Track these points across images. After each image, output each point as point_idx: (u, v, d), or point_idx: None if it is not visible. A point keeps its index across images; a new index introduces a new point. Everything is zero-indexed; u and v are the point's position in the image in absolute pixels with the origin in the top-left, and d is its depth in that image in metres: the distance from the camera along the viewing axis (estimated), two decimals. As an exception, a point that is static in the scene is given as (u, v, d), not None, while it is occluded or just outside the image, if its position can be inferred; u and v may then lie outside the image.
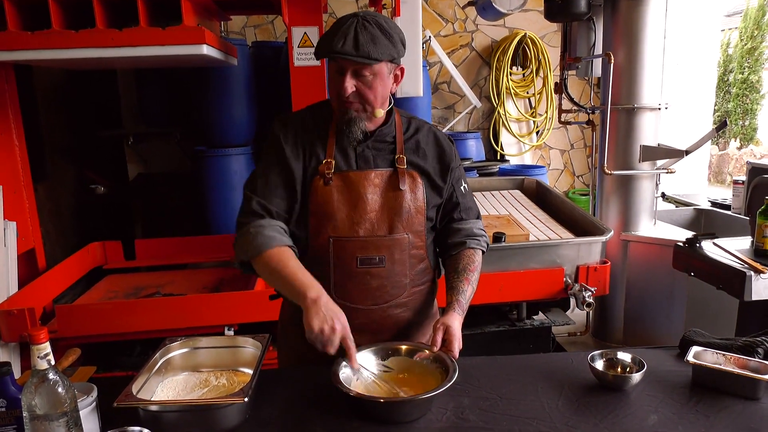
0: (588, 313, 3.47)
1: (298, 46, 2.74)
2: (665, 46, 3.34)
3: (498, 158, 5.46)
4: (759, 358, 1.43)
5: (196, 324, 2.60)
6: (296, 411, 1.33)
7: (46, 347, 1.06)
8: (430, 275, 1.64)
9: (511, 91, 5.39)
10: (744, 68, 10.02)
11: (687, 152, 3.22)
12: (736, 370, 1.37)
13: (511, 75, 5.38)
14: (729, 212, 3.56)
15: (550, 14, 3.56)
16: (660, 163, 3.42)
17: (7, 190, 2.77)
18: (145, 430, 1.14)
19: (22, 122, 2.89)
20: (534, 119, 5.54)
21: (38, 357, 1.05)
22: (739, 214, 3.43)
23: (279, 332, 1.72)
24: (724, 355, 1.43)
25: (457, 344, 1.41)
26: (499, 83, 5.37)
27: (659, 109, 3.37)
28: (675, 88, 5.07)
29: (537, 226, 3.17)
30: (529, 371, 1.50)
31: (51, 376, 1.06)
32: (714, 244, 2.54)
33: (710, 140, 3.51)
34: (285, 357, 1.71)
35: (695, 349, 1.46)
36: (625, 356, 1.47)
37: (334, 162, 1.51)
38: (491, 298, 2.73)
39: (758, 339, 1.49)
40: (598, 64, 3.71)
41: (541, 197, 3.87)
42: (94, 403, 1.23)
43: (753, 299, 2.24)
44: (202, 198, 3.91)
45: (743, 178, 3.45)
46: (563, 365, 1.53)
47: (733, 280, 2.29)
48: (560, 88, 4.00)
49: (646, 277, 3.40)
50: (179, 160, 4.69)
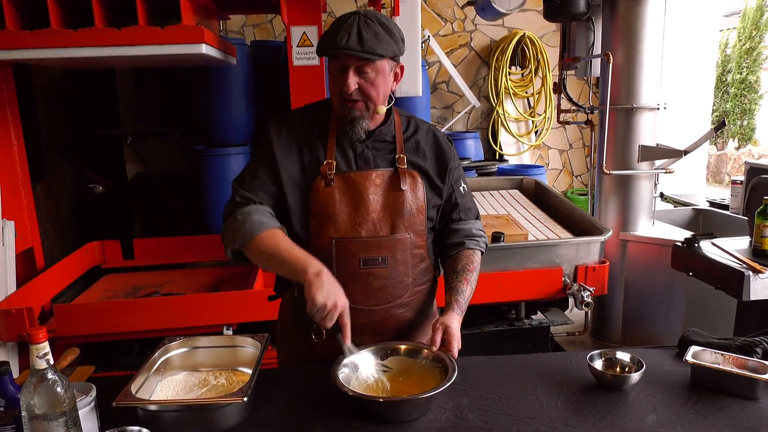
0: (586, 313, 3.47)
1: (297, 46, 2.74)
2: (664, 46, 3.35)
3: (497, 158, 5.46)
4: (757, 357, 1.44)
5: (195, 324, 2.60)
6: (296, 411, 1.33)
7: (45, 347, 1.06)
8: (431, 274, 1.64)
9: (510, 90, 5.39)
10: (742, 68, 10.04)
11: (685, 152, 3.22)
12: (735, 370, 1.37)
13: (509, 75, 5.38)
14: (727, 212, 3.57)
15: (549, 14, 3.56)
16: (658, 163, 3.43)
17: (6, 189, 2.77)
18: (144, 430, 1.14)
19: (21, 121, 2.88)
20: (533, 119, 5.55)
21: (37, 356, 1.05)
22: (737, 214, 3.43)
23: (278, 332, 1.72)
24: (722, 354, 1.43)
25: (456, 344, 1.41)
26: (497, 83, 5.37)
27: (658, 109, 3.37)
28: (673, 88, 5.08)
29: (536, 226, 3.17)
30: (528, 371, 1.50)
31: (50, 375, 1.06)
32: (712, 244, 2.55)
33: (708, 140, 3.51)
34: (284, 356, 1.70)
35: (694, 348, 1.46)
36: (623, 356, 1.47)
37: (335, 163, 1.50)
38: (490, 298, 2.73)
39: (757, 339, 1.50)
40: (596, 64, 3.71)
41: (540, 197, 3.87)
42: (93, 403, 1.23)
43: (751, 299, 2.24)
44: (200, 197, 3.91)
45: (741, 178, 3.45)
46: (562, 365, 1.53)
47: (731, 280, 2.30)
48: (559, 87, 4.00)
49: (645, 276, 3.40)
50: (178, 160, 4.70)
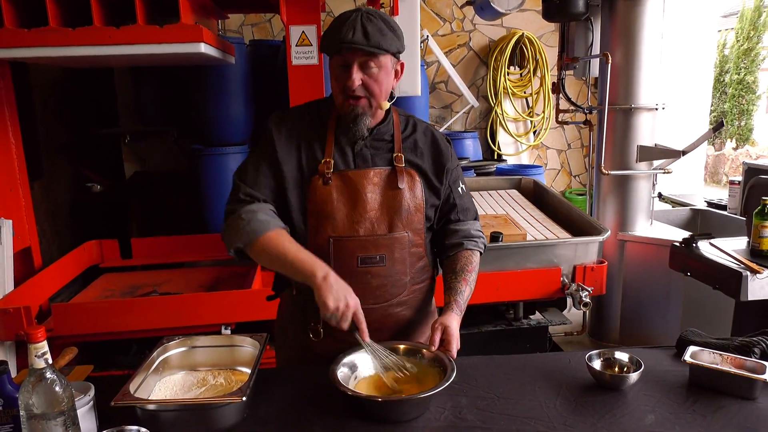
0: (585, 313, 3.47)
1: (296, 45, 2.74)
2: (662, 46, 3.35)
3: (495, 158, 5.46)
4: (755, 357, 1.44)
5: (193, 323, 2.60)
6: (294, 410, 1.33)
7: (44, 346, 1.05)
8: (429, 273, 1.64)
9: (509, 90, 5.40)
10: (740, 69, 10.06)
11: (684, 152, 3.23)
12: (733, 370, 1.37)
13: (508, 75, 5.38)
14: (725, 212, 3.57)
15: (548, 14, 3.56)
16: (657, 163, 3.43)
17: (3, 187, 2.76)
18: (143, 430, 1.14)
19: (19, 120, 2.88)
20: (531, 119, 5.55)
21: (35, 356, 1.05)
22: (735, 214, 3.44)
23: (277, 331, 1.72)
24: (720, 354, 1.43)
25: (455, 344, 1.41)
26: (496, 83, 5.37)
27: (656, 109, 3.38)
28: (672, 88, 5.08)
29: (534, 226, 3.17)
30: (526, 371, 1.50)
31: (48, 375, 1.06)
32: (710, 244, 2.55)
33: (707, 141, 3.52)
34: (283, 356, 1.70)
35: (692, 348, 1.46)
36: (622, 356, 1.47)
37: (332, 161, 1.50)
38: (488, 298, 2.73)
39: (755, 339, 1.50)
40: (595, 64, 3.72)
41: (539, 197, 3.88)
42: (92, 402, 1.23)
43: (749, 299, 2.25)
44: (198, 196, 3.91)
45: (739, 178, 3.45)
46: (561, 365, 1.53)
47: (729, 280, 2.30)
48: (558, 88, 4.01)
49: (643, 277, 3.41)
50: (176, 159, 4.69)
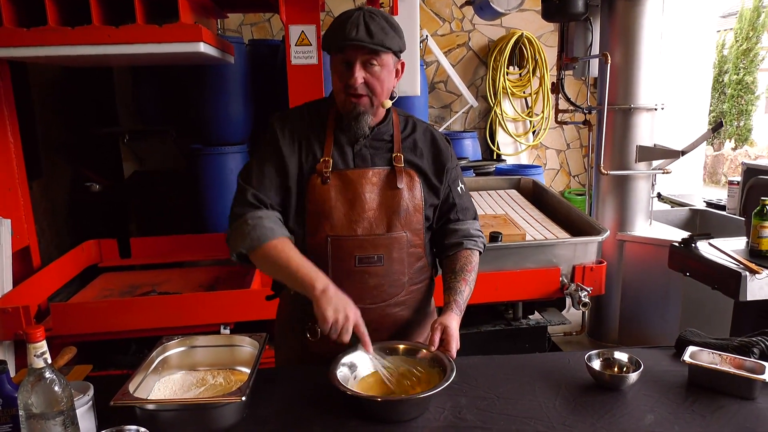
0: (584, 313, 3.47)
1: (296, 45, 2.74)
2: (661, 46, 3.35)
3: (494, 158, 5.46)
4: (755, 358, 1.44)
5: (192, 323, 2.60)
6: (294, 410, 1.33)
7: (43, 345, 1.05)
8: (428, 273, 1.64)
9: (508, 90, 5.40)
10: (739, 69, 10.08)
11: (683, 153, 3.23)
12: (732, 370, 1.38)
13: (507, 75, 5.38)
14: (724, 212, 3.58)
15: (547, 14, 3.56)
16: (656, 163, 3.43)
17: (2, 187, 2.76)
18: (142, 429, 1.14)
19: (18, 119, 2.87)
20: (530, 119, 5.55)
21: (35, 355, 1.05)
22: (734, 214, 3.44)
23: (276, 331, 1.72)
24: (720, 355, 1.43)
25: (455, 344, 1.41)
26: (495, 83, 5.37)
27: (655, 109, 3.38)
28: (671, 88, 5.09)
29: (533, 226, 3.17)
30: (526, 371, 1.50)
31: (48, 374, 1.06)
32: (709, 244, 2.56)
33: (706, 141, 3.52)
34: (282, 356, 1.70)
35: (691, 349, 1.46)
36: (621, 356, 1.47)
37: (331, 161, 1.50)
38: (487, 298, 2.73)
39: (754, 339, 1.50)
40: (594, 64, 3.72)
41: (538, 197, 3.88)
42: (91, 402, 1.23)
43: (748, 299, 2.25)
44: (198, 196, 3.90)
45: (738, 178, 3.46)
46: (560, 365, 1.54)
47: (728, 281, 2.30)
48: (557, 88, 4.01)
49: (642, 277, 3.41)
50: (175, 158, 4.68)
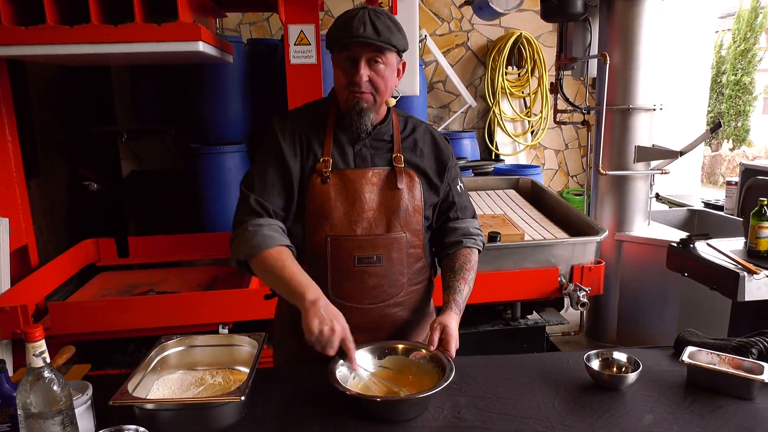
0: (582, 313, 3.47)
1: (294, 44, 2.73)
2: (660, 47, 3.35)
3: (493, 158, 5.47)
4: (753, 358, 1.44)
5: (190, 322, 2.59)
6: (293, 410, 1.33)
7: (42, 345, 1.05)
8: (427, 274, 1.64)
9: (507, 90, 5.40)
10: (737, 70, 10.10)
11: (681, 153, 3.23)
12: (731, 371, 1.38)
13: (506, 75, 5.38)
14: (722, 213, 3.59)
15: (546, 14, 3.56)
16: (654, 163, 3.43)
17: (0, 186, 2.75)
18: (141, 429, 1.14)
19: (15, 118, 2.87)
20: (529, 119, 5.55)
21: (33, 355, 1.04)
22: (732, 215, 3.45)
23: (275, 331, 1.72)
24: (718, 355, 1.43)
25: (454, 344, 1.41)
26: (494, 83, 5.37)
27: (654, 109, 3.38)
28: (669, 89, 5.09)
29: (532, 226, 3.18)
30: (525, 371, 1.51)
31: (46, 374, 1.05)
32: (707, 244, 2.56)
33: (704, 141, 3.53)
34: (281, 356, 1.70)
35: (690, 349, 1.46)
36: (620, 356, 1.48)
37: (331, 160, 1.50)
38: (486, 298, 2.73)
39: (752, 339, 1.50)
40: (593, 64, 3.72)
41: (536, 197, 3.88)
42: (89, 401, 1.23)
43: (746, 300, 2.25)
44: (196, 195, 3.90)
45: (736, 179, 3.46)
46: (559, 365, 1.54)
47: (726, 281, 2.31)
48: (556, 88, 4.01)
49: (640, 277, 3.41)
50: (173, 158, 4.68)
